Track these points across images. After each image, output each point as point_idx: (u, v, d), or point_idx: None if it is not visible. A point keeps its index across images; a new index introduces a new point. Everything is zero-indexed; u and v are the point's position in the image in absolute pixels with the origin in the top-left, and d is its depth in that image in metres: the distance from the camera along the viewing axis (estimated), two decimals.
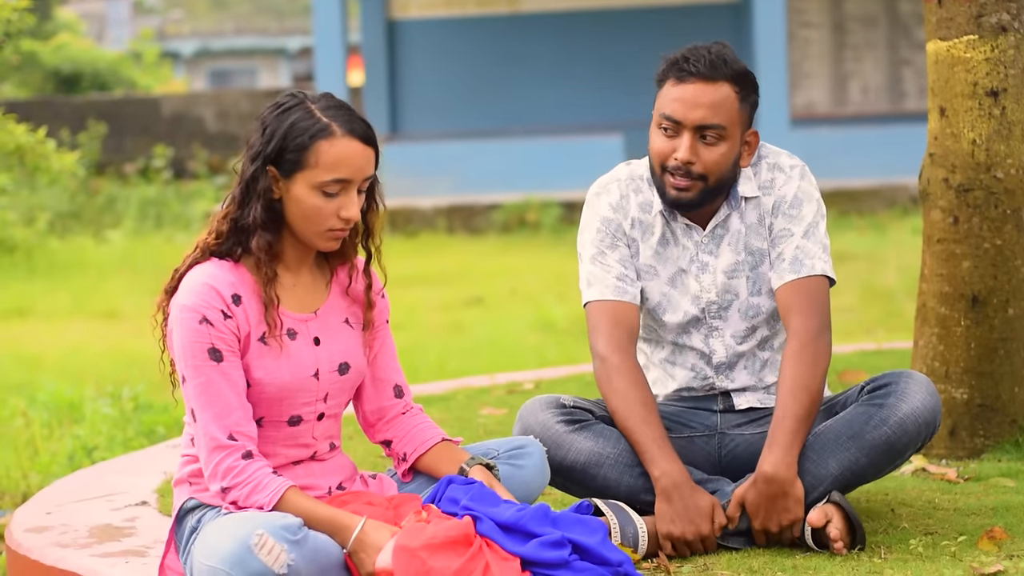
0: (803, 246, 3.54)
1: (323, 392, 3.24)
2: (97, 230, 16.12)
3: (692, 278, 3.60)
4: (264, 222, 3.14)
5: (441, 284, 11.98)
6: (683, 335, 3.63)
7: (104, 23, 36.99)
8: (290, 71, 36.39)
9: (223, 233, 3.18)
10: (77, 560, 3.64)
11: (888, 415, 3.43)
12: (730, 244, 3.59)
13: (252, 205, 3.14)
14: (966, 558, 3.31)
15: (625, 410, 3.47)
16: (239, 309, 3.14)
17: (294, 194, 3.13)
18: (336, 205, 3.13)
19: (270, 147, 3.12)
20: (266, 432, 3.20)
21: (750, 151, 3.56)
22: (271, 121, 3.14)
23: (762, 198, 3.59)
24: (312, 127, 3.11)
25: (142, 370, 8.07)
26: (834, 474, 3.43)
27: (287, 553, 2.93)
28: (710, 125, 3.46)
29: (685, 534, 3.38)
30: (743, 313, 3.61)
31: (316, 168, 3.11)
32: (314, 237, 3.17)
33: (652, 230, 3.62)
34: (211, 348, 3.11)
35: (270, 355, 3.17)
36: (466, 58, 18.81)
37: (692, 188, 3.51)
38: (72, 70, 23.97)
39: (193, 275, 3.16)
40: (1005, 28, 4.21)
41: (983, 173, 4.23)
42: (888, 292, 10.21)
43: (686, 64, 3.47)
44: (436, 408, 5.42)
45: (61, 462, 5.87)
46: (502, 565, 2.99)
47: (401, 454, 3.37)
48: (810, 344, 3.46)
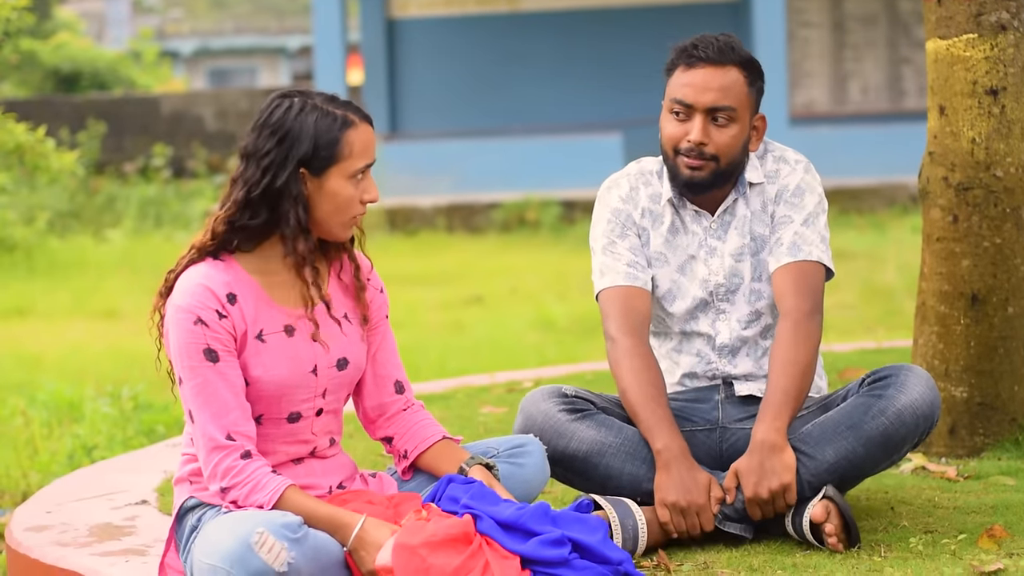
0: (802, 233, 3.61)
1: (321, 388, 3.24)
2: (97, 229, 16.12)
3: (701, 263, 3.67)
4: (307, 226, 3.16)
5: (441, 283, 11.98)
6: (691, 321, 3.68)
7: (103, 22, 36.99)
8: (290, 70, 36.39)
9: (219, 235, 3.18)
10: (77, 559, 3.64)
11: (886, 406, 3.46)
12: (736, 229, 3.67)
13: (288, 211, 3.14)
14: (966, 556, 3.32)
15: (634, 388, 3.53)
16: (234, 308, 3.14)
17: (329, 189, 3.16)
18: (360, 191, 3.19)
19: (301, 149, 3.13)
20: (265, 429, 3.21)
21: (759, 135, 3.66)
22: (290, 124, 3.14)
23: (766, 186, 3.67)
24: (335, 120, 3.15)
25: (142, 369, 8.07)
26: (831, 462, 3.45)
27: (287, 551, 2.93)
28: (721, 107, 3.56)
29: (680, 501, 3.41)
30: (747, 297, 3.67)
31: (350, 158, 3.16)
32: (339, 228, 3.21)
33: (662, 219, 3.69)
34: (207, 349, 3.11)
35: (268, 352, 3.17)
36: (466, 57, 18.81)
37: (705, 168, 3.59)
38: (71, 69, 23.97)
39: (188, 276, 3.16)
40: (1004, 27, 4.21)
41: (983, 172, 4.23)
42: (888, 290, 10.21)
43: (695, 50, 3.58)
44: (436, 407, 5.43)
45: (61, 461, 5.87)
46: (502, 563, 2.99)
47: (402, 451, 3.37)
48: (802, 323, 3.53)
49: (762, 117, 3.65)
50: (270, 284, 3.21)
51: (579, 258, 12.27)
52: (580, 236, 13.98)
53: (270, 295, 3.20)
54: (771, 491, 3.40)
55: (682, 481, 3.43)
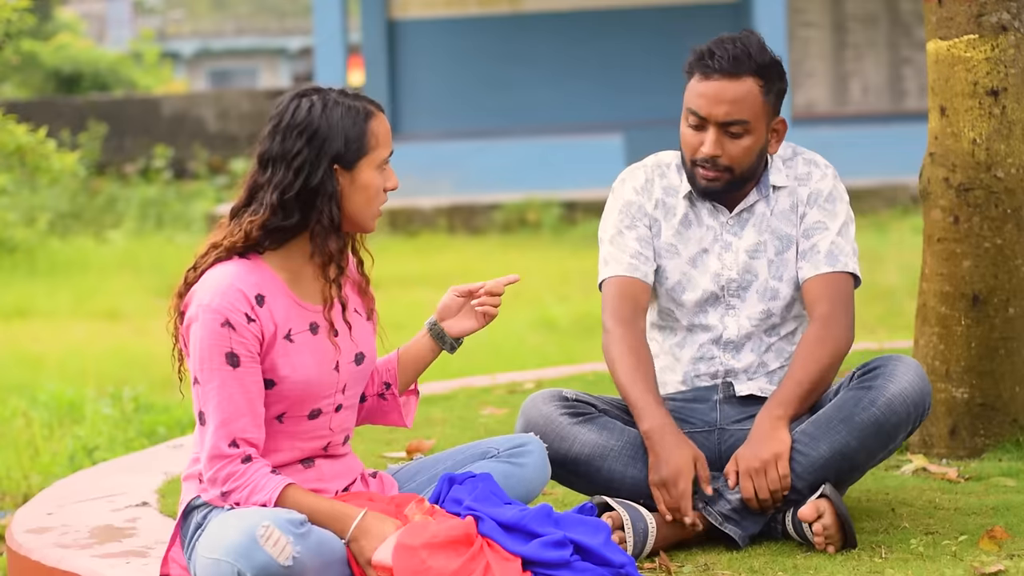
0: (838, 243, 3.65)
1: (342, 383, 3.26)
2: (98, 230, 16.12)
3: (714, 257, 3.68)
4: (339, 223, 3.18)
5: (442, 284, 11.92)
6: (700, 314, 3.69)
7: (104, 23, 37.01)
8: (290, 71, 36.41)
9: (253, 239, 3.17)
10: (78, 561, 3.64)
11: (876, 396, 3.47)
12: (755, 226, 3.68)
13: (322, 209, 3.15)
14: (967, 558, 3.32)
15: (622, 372, 3.55)
16: (263, 310, 3.14)
17: (361, 181, 3.18)
18: (384, 179, 3.23)
19: (334, 146, 3.15)
20: (286, 427, 3.21)
21: (778, 138, 3.66)
22: (318, 123, 3.15)
23: (798, 188, 3.69)
24: (359, 113, 3.18)
25: (143, 370, 8.07)
26: (826, 457, 3.45)
27: (293, 545, 2.93)
28: (734, 121, 3.55)
29: (665, 477, 3.41)
30: (761, 295, 3.68)
31: (377, 148, 3.20)
32: (370, 220, 3.24)
33: (675, 211, 3.71)
34: (229, 352, 3.10)
35: (296, 352, 3.18)
36: (467, 58, 18.80)
37: (720, 179, 3.61)
38: (73, 70, 23.97)
39: (217, 275, 3.14)
40: (1005, 27, 4.21)
41: (983, 172, 4.23)
42: (889, 291, 10.20)
43: (711, 59, 3.57)
44: (438, 408, 5.43)
45: (62, 463, 5.87)
46: (503, 565, 2.99)
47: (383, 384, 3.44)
48: (832, 327, 3.56)
49: (782, 120, 3.65)
50: (294, 281, 3.21)
51: (580, 259, 12.27)
52: (581, 237, 13.98)
53: (296, 293, 3.20)
54: (763, 461, 3.41)
55: (669, 456, 3.43)
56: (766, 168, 3.69)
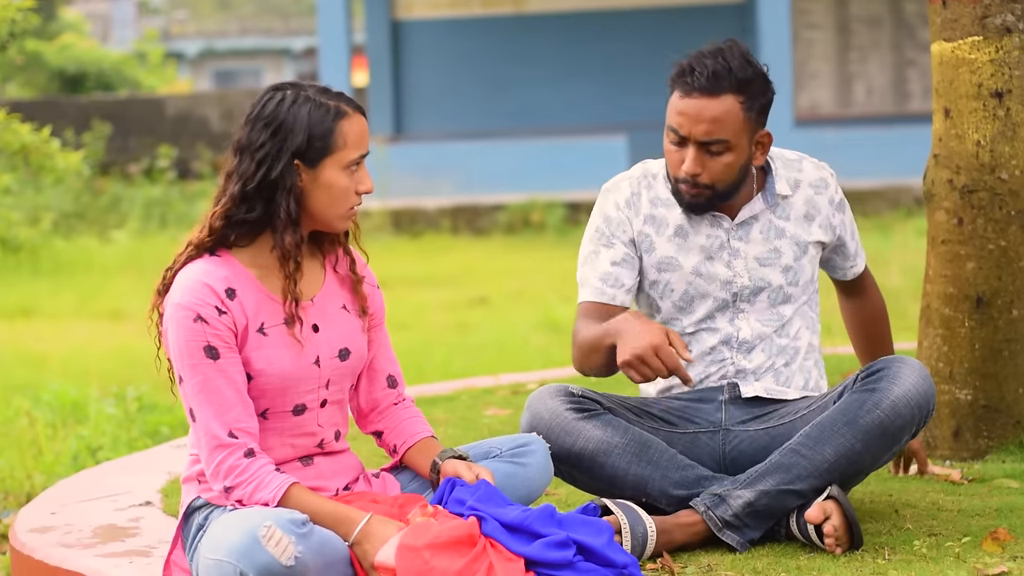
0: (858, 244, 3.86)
1: (324, 379, 3.25)
2: (102, 230, 16.13)
3: (722, 264, 3.67)
4: (297, 218, 3.16)
5: (446, 284, 11.97)
6: (708, 319, 3.69)
7: (109, 23, 37.04)
8: (294, 71, 36.41)
9: (216, 230, 3.18)
10: (81, 560, 3.64)
11: (880, 399, 3.46)
12: (761, 232, 3.67)
13: (280, 203, 3.15)
14: (970, 559, 3.31)
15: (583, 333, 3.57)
16: (234, 303, 3.15)
17: (324, 180, 3.17)
18: (355, 181, 3.20)
19: (295, 141, 3.14)
20: (272, 424, 3.21)
21: (763, 151, 3.62)
22: (284, 116, 3.15)
23: (814, 196, 3.72)
24: (329, 111, 3.16)
25: (146, 370, 8.05)
26: (831, 460, 3.44)
27: (295, 545, 2.93)
28: (714, 140, 3.52)
29: (636, 350, 3.32)
30: (772, 299, 3.68)
31: (345, 148, 3.17)
32: (336, 220, 3.21)
33: (667, 223, 3.67)
34: (207, 346, 3.11)
35: (270, 345, 3.18)
36: (470, 58, 18.82)
37: (701, 195, 3.59)
38: (77, 70, 24.01)
39: (186, 273, 3.16)
40: (1010, 29, 4.21)
41: (987, 174, 4.23)
42: (892, 293, 10.18)
43: (690, 76, 3.52)
44: (441, 408, 5.43)
45: (65, 462, 5.88)
46: (506, 565, 2.99)
47: (392, 446, 3.41)
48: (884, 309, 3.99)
49: (767, 133, 3.61)
50: (264, 276, 3.21)
51: None
52: None
53: (267, 287, 3.20)
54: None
55: (637, 333, 3.35)
56: (769, 176, 3.68)
